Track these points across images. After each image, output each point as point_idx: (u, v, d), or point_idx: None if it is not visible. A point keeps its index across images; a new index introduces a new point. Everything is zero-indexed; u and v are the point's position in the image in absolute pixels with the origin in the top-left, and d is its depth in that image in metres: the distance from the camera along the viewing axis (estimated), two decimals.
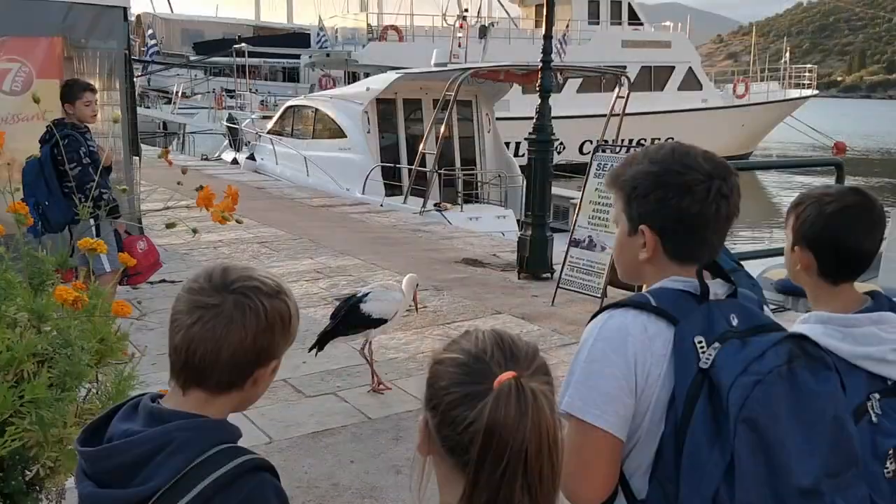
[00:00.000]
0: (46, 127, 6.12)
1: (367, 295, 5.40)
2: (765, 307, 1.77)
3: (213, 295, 1.47)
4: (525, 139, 9.37)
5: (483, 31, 26.00)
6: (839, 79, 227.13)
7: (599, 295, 7.39)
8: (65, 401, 2.28)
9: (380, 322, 5.36)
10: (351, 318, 5.34)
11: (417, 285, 5.79)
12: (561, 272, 7.88)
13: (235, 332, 1.46)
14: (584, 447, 1.61)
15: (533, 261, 8.77)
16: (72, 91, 6.11)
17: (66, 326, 2.33)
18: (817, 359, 1.59)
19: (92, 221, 5.75)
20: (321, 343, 5.40)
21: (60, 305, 2.34)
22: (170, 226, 2.55)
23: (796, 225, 2.03)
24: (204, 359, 1.46)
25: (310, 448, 4.67)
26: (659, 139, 30.95)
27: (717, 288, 1.69)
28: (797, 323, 1.99)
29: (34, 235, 5.73)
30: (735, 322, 1.62)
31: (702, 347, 1.57)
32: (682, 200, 1.65)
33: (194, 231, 2.57)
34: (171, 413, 1.49)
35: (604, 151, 7.86)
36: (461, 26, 26.70)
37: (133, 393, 2.63)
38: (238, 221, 2.37)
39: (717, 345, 1.57)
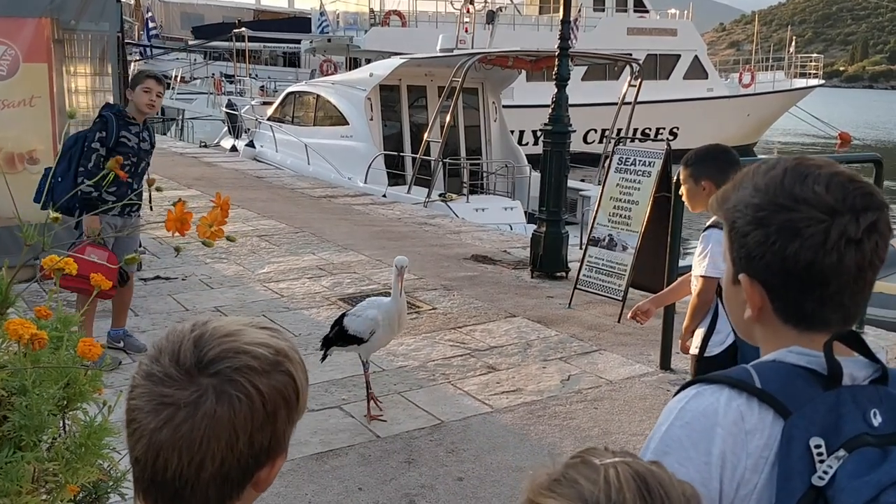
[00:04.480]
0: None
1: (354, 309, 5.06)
2: None
3: (185, 384, 1.01)
4: (539, 131, 8.92)
5: (490, 17, 25.40)
6: (842, 69, 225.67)
7: (620, 297, 6.95)
8: (20, 462, 1.84)
9: (357, 340, 4.87)
10: (339, 330, 4.98)
11: (403, 268, 4.79)
12: (579, 272, 7.44)
13: (222, 435, 1.01)
14: None
15: (547, 259, 8.31)
16: (136, 77, 5.89)
17: (21, 369, 1.90)
18: None
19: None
20: (325, 347, 5.09)
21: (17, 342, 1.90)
22: (178, 249, 2.13)
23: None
24: (179, 475, 1.01)
25: (313, 472, 4.25)
26: (664, 129, 30.46)
27: (856, 369, 1.21)
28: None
29: (41, 208, 5.38)
30: (877, 421, 1.15)
31: (819, 454, 1.11)
32: (787, 246, 1.19)
33: (177, 250, 2.15)
34: None
35: (625, 143, 7.42)
36: (468, 11, 26.16)
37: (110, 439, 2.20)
38: (230, 239, 1.93)
39: (842, 453, 1.11)
